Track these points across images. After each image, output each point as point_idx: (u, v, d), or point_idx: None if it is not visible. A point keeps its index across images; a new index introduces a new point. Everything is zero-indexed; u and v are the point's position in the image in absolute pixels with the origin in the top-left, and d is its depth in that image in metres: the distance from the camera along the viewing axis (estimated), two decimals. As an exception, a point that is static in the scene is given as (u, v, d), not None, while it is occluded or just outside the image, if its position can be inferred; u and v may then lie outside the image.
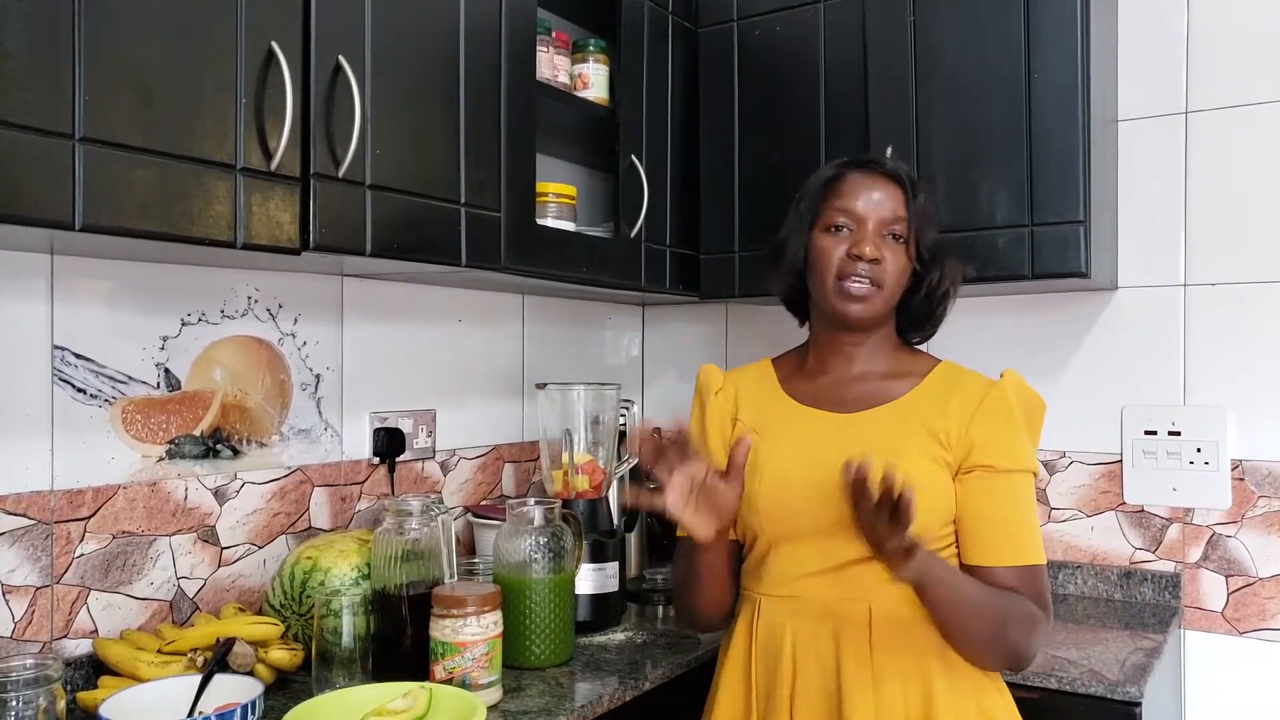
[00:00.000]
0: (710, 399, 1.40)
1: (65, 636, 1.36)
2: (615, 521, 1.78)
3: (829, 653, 1.24)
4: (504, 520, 1.58)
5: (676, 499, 1.18)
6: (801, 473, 1.26)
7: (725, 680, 1.34)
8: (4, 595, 1.30)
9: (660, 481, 1.19)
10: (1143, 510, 1.97)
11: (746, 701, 1.30)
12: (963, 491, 1.24)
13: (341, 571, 1.46)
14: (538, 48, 1.74)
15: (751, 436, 1.27)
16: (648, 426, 1.25)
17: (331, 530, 1.72)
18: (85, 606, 1.39)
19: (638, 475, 2.03)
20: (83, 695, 1.28)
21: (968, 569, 1.23)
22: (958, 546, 1.26)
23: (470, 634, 1.32)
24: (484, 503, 2.04)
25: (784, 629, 1.27)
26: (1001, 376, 1.29)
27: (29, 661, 1.11)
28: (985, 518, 1.23)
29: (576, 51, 1.94)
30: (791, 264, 1.34)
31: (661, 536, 2.18)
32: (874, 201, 1.28)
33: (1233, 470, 1.89)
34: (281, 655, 1.37)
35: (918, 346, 1.40)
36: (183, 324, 1.51)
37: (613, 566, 1.71)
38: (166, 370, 1.49)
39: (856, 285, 1.26)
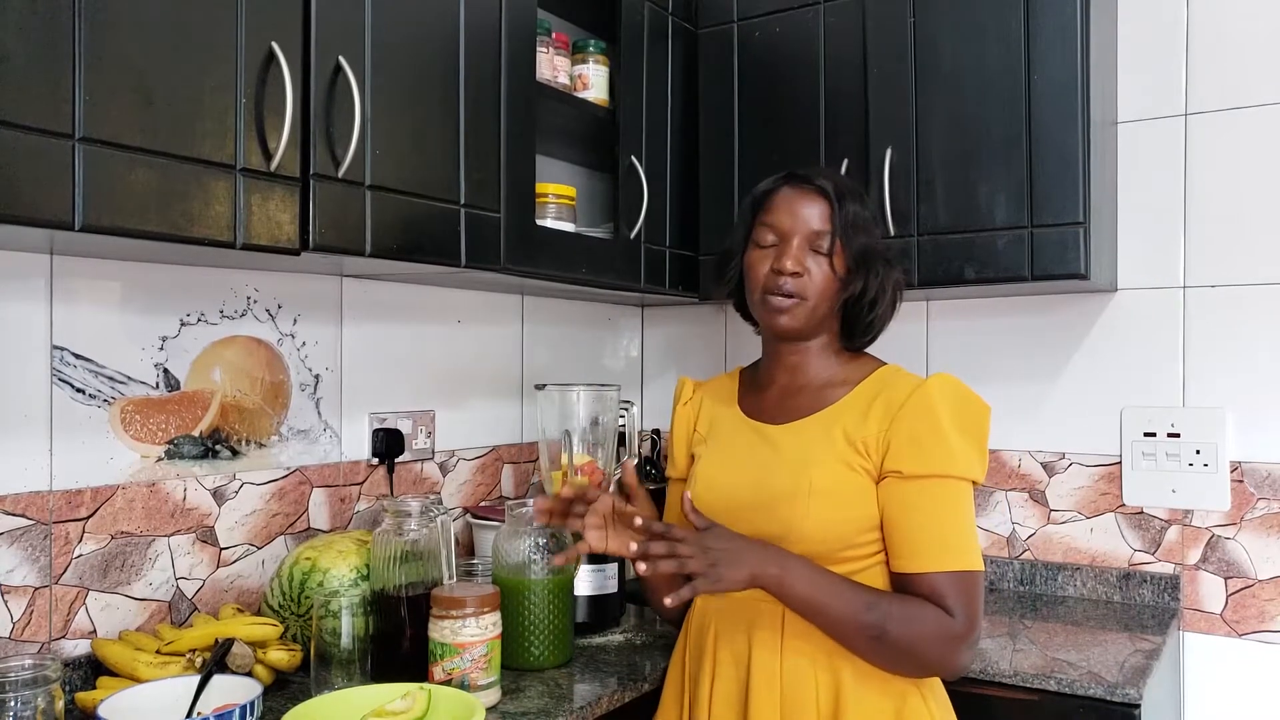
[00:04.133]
0: (678, 409, 1.50)
1: (64, 637, 1.36)
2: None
3: (743, 650, 1.29)
4: (503, 521, 1.58)
5: (596, 537, 1.29)
6: (726, 481, 1.33)
7: (669, 676, 1.41)
8: (3, 595, 1.30)
9: (577, 532, 1.32)
10: (1142, 512, 1.97)
11: (680, 696, 1.37)
12: (881, 497, 1.24)
13: (340, 572, 1.46)
14: (538, 48, 1.74)
15: (699, 447, 1.39)
16: (541, 503, 1.36)
17: (330, 531, 1.72)
18: (84, 607, 1.38)
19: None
20: (81, 696, 1.28)
21: (892, 576, 1.24)
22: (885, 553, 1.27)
23: (469, 635, 1.32)
24: (483, 504, 2.04)
25: (709, 626, 1.33)
26: (926, 380, 1.27)
27: (27, 662, 1.11)
28: (897, 524, 1.23)
29: (576, 52, 1.94)
30: (732, 278, 1.40)
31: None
32: (799, 217, 1.30)
33: (1232, 472, 1.89)
34: (280, 656, 1.37)
35: (865, 352, 1.40)
36: (182, 324, 1.51)
37: (612, 568, 1.71)
38: (166, 370, 1.49)
39: (778, 300, 1.30)
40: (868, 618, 1.17)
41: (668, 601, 1.17)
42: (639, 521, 1.24)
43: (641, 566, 1.20)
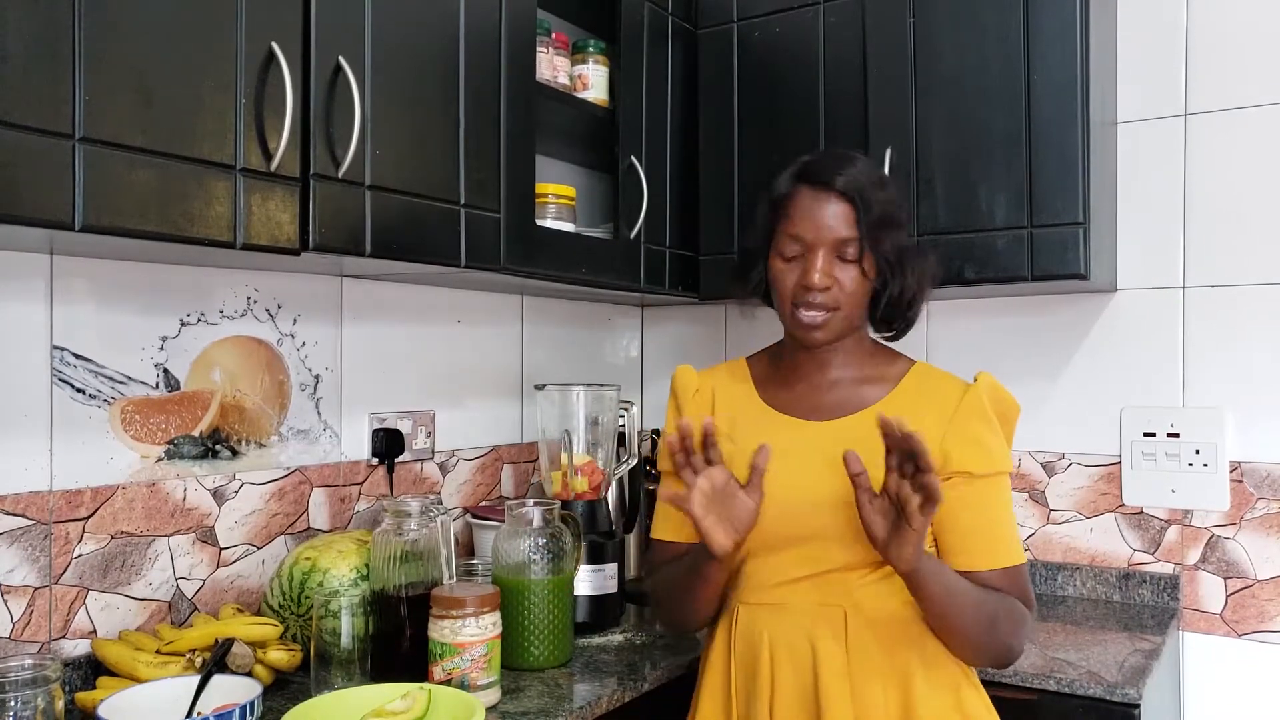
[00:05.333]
0: (688, 400, 1.40)
1: (64, 637, 1.36)
2: (614, 523, 1.78)
3: (806, 658, 1.24)
4: (503, 521, 1.58)
5: (701, 504, 1.15)
6: (781, 482, 1.23)
7: (706, 690, 1.34)
8: (2, 596, 1.30)
9: (683, 481, 1.16)
10: (1141, 512, 1.97)
11: (727, 711, 1.30)
12: (947, 497, 1.18)
13: (340, 572, 1.46)
14: (537, 49, 1.74)
15: (725, 443, 1.26)
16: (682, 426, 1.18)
17: (330, 531, 1.72)
18: (84, 607, 1.38)
19: (637, 475, 2.03)
20: (81, 696, 1.28)
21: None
22: (937, 551, 1.27)
23: (469, 635, 1.32)
24: (483, 504, 2.04)
25: (761, 636, 1.27)
26: (975, 379, 1.29)
27: (27, 662, 1.11)
28: (966, 524, 1.23)
29: (576, 52, 1.94)
30: (758, 286, 1.35)
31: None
32: (823, 226, 1.24)
33: (1231, 472, 1.89)
34: (280, 656, 1.37)
35: (892, 346, 1.38)
36: (182, 324, 1.51)
37: (611, 568, 1.71)
38: (165, 370, 1.49)
39: (809, 315, 1.25)
40: (986, 610, 1.19)
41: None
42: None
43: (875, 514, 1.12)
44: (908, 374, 1.31)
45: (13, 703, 1.08)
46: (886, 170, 1.83)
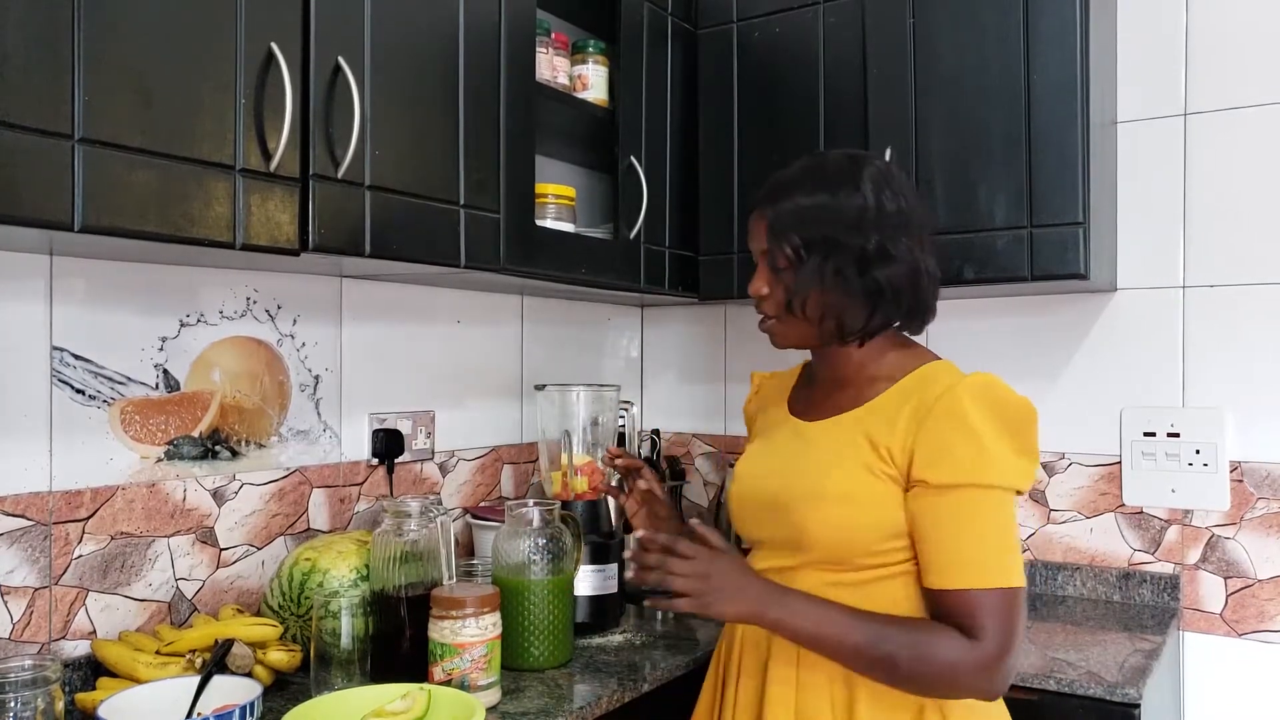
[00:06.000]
0: (746, 403, 1.50)
1: (64, 638, 1.36)
2: (614, 523, 1.78)
3: (763, 654, 1.26)
4: (503, 522, 1.58)
5: (635, 511, 1.45)
6: (755, 478, 1.30)
7: (707, 675, 1.39)
8: (2, 596, 1.30)
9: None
10: (1141, 512, 1.97)
11: (712, 698, 1.36)
12: (910, 508, 1.16)
13: (340, 573, 1.46)
14: (537, 49, 1.74)
15: (751, 442, 1.38)
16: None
17: (330, 531, 1.72)
18: (84, 607, 1.38)
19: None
20: (81, 696, 1.28)
21: (923, 591, 1.18)
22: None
23: (469, 635, 1.32)
24: (483, 504, 2.04)
25: (736, 632, 1.31)
26: (963, 379, 1.18)
27: (27, 663, 1.11)
28: (926, 537, 1.15)
29: (576, 53, 1.94)
30: None
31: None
32: (752, 238, 1.29)
33: (1231, 472, 1.89)
34: (280, 657, 1.37)
35: (918, 343, 1.31)
36: (181, 325, 1.51)
37: (612, 568, 1.71)
38: (165, 371, 1.49)
39: (763, 326, 1.30)
40: (876, 653, 1.12)
41: (645, 602, 1.18)
42: (641, 533, 1.22)
43: (629, 572, 1.19)
44: (912, 373, 1.23)
45: (13, 703, 1.08)
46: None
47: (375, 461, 1.81)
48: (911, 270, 1.23)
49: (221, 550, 1.56)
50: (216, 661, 1.26)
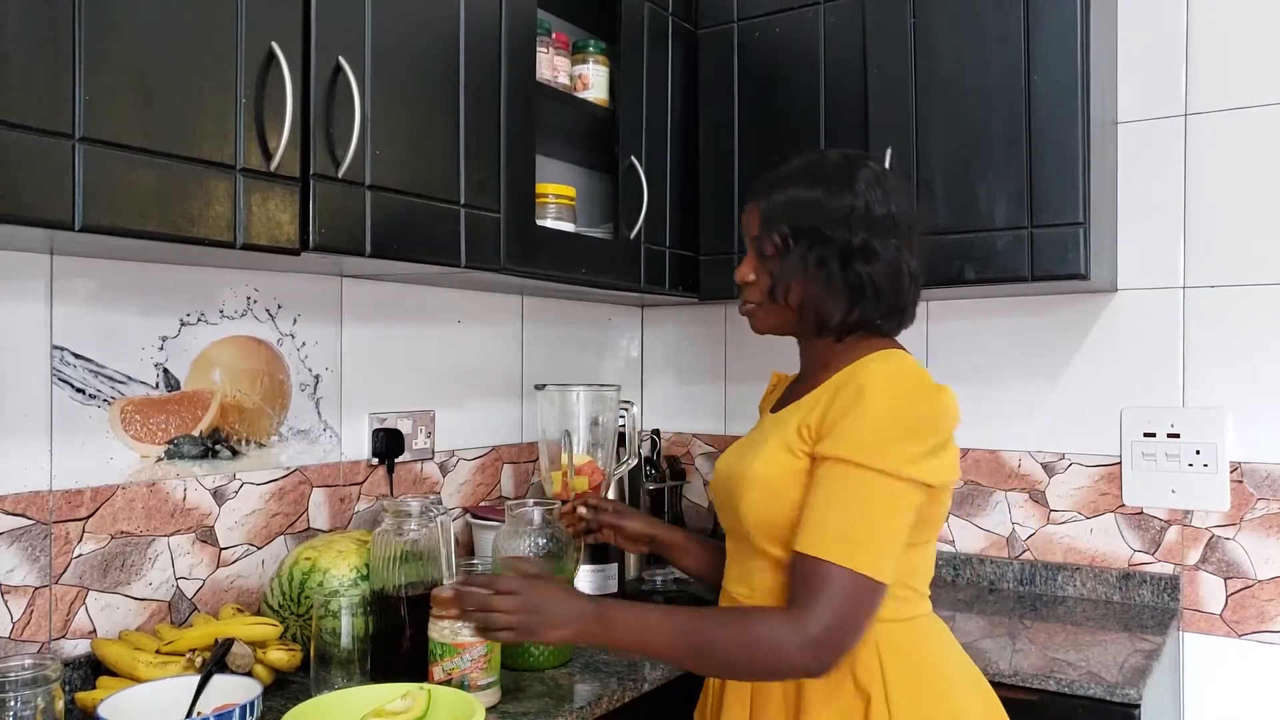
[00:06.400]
0: (761, 400, 1.50)
1: (64, 637, 1.36)
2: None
3: None
4: (503, 521, 1.58)
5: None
6: (719, 469, 1.34)
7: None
8: (2, 595, 1.30)
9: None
10: (1141, 512, 1.97)
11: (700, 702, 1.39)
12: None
13: (340, 572, 1.46)
14: (538, 49, 1.74)
15: None
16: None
17: (330, 531, 1.72)
18: (84, 607, 1.38)
19: (638, 475, 2.03)
20: (81, 695, 1.28)
21: None
22: None
23: (469, 635, 1.32)
24: (483, 504, 2.04)
25: None
26: (880, 365, 1.19)
27: (27, 662, 1.11)
28: (805, 503, 1.16)
29: (576, 52, 1.94)
30: None
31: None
32: (744, 226, 1.32)
33: (1231, 472, 1.89)
34: (280, 656, 1.37)
35: (881, 339, 1.29)
36: (182, 324, 1.51)
37: (612, 568, 1.71)
38: (165, 370, 1.49)
39: (742, 310, 1.33)
40: (685, 643, 1.14)
41: (470, 636, 1.21)
42: (448, 589, 1.25)
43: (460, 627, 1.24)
44: (853, 363, 1.23)
45: (13, 702, 1.08)
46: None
47: (375, 461, 1.81)
48: (894, 270, 1.24)
49: (221, 549, 1.56)
50: (216, 661, 1.26)
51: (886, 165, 1.82)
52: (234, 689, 1.20)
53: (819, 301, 1.24)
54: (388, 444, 1.81)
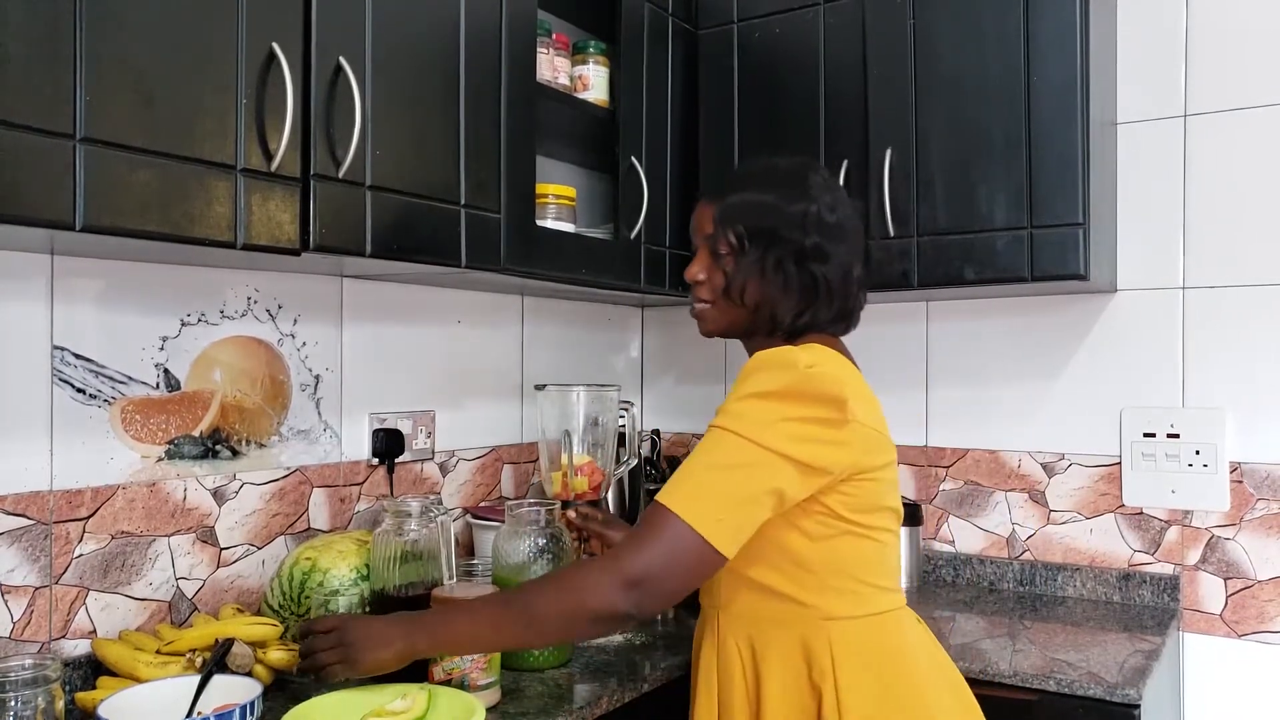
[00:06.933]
0: None
1: (64, 637, 1.36)
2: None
3: (696, 657, 1.35)
4: (503, 521, 1.58)
5: None
6: None
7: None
8: (3, 595, 1.30)
9: None
10: (1141, 512, 1.97)
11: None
12: None
13: (340, 572, 1.46)
14: (538, 49, 1.74)
15: None
16: None
17: (330, 531, 1.72)
18: (84, 607, 1.38)
19: (638, 476, 2.03)
20: (81, 695, 1.28)
21: None
22: None
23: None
24: (483, 504, 2.04)
25: (701, 643, 1.38)
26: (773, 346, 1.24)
27: (27, 662, 1.11)
28: None
29: (577, 53, 1.94)
30: None
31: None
32: (695, 225, 1.35)
33: (1231, 473, 1.89)
34: (280, 656, 1.37)
35: (816, 335, 1.30)
36: (182, 324, 1.51)
37: (612, 568, 1.70)
38: (166, 370, 1.49)
39: (692, 310, 1.35)
40: (513, 618, 1.16)
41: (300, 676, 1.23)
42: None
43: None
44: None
45: (13, 702, 1.08)
46: (886, 171, 1.83)
47: (375, 461, 1.81)
48: (845, 272, 1.29)
49: (222, 550, 1.57)
50: (217, 661, 1.26)
51: (886, 166, 1.83)
52: (234, 689, 1.20)
53: (774, 301, 1.27)
54: (388, 444, 1.81)
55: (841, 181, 1.89)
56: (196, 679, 1.22)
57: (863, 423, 1.19)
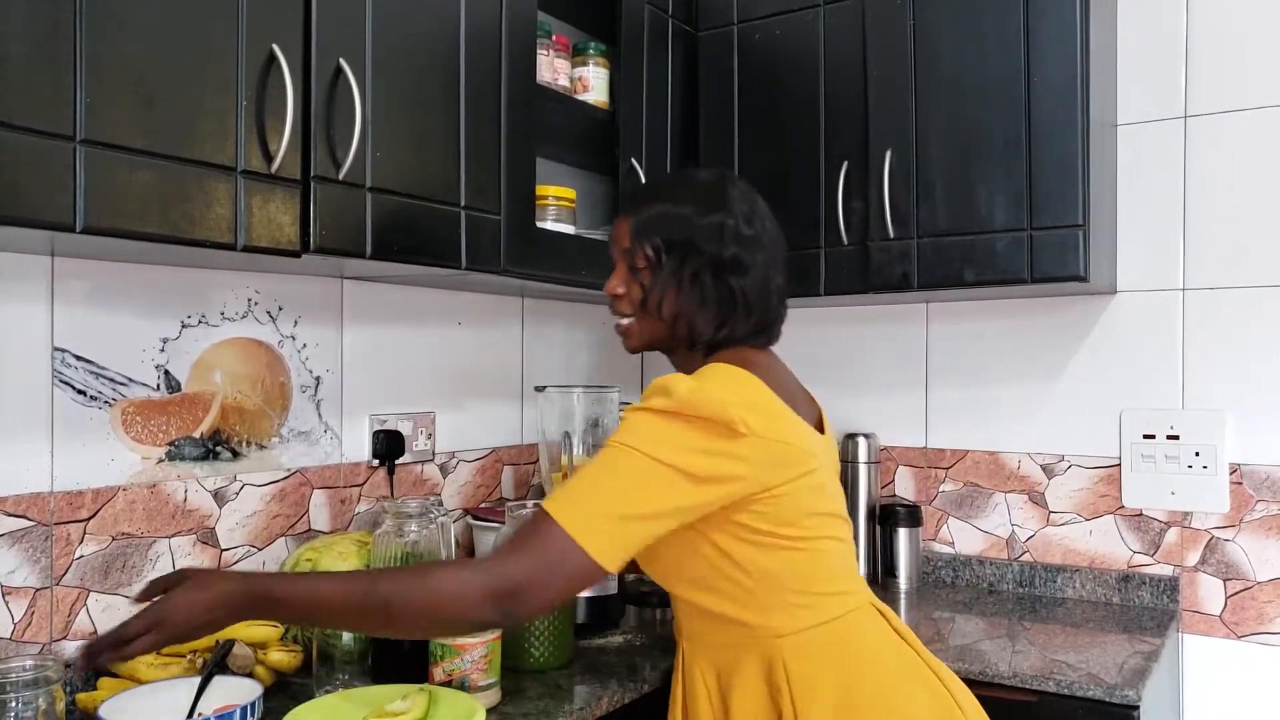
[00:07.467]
0: None
1: (65, 638, 1.36)
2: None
3: (673, 678, 1.36)
4: (503, 523, 1.58)
5: None
6: None
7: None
8: (4, 597, 1.30)
9: None
10: (1141, 514, 1.98)
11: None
12: None
13: (341, 573, 1.46)
14: (538, 51, 1.74)
15: None
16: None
17: (331, 532, 1.72)
18: (85, 608, 1.39)
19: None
20: (82, 696, 1.28)
21: None
22: None
23: (469, 636, 1.32)
24: (483, 505, 2.04)
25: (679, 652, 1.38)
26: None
27: (28, 663, 1.11)
28: None
29: (577, 55, 1.94)
30: None
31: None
32: (613, 239, 1.33)
33: (1231, 474, 1.89)
34: (281, 657, 1.37)
35: (725, 352, 1.28)
36: (183, 326, 1.52)
37: (612, 569, 1.71)
38: (166, 372, 1.49)
39: (615, 325, 1.34)
40: (367, 605, 1.07)
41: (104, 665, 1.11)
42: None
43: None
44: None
45: (14, 703, 1.08)
46: (886, 172, 1.83)
47: (376, 463, 1.82)
48: (764, 284, 1.28)
49: (222, 551, 1.57)
50: (217, 662, 1.26)
51: (886, 167, 1.83)
52: (235, 690, 1.21)
53: (691, 314, 1.26)
54: (388, 445, 1.82)
55: (841, 182, 1.89)
56: (197, 680, 1.23)
57: (764, 437, 1.15)
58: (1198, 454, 1.91)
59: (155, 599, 1.06)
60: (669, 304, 1.27)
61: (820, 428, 1.33)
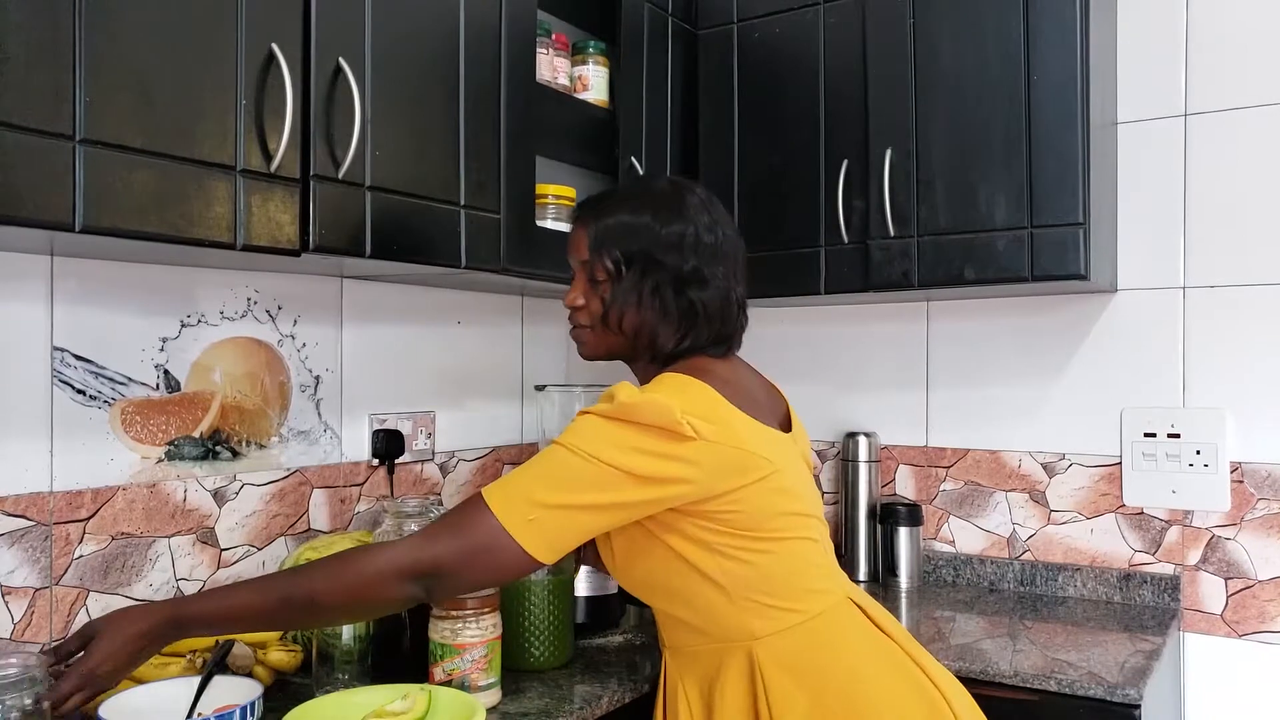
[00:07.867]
0: None
1: (64, 638, 1.36)
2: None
3: (662, 664, 1.35)
4: (503, 522, 1.57)
5: None
6: None
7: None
8: (3, 596, 1.30)
9: None
10: (1142, 512, 1.97)
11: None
12: None
13: (341, 573, 1.46)
14: (538, 50, 1.74)
15: None
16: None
17: (330, 532, 1.72)
18: (84, 608, 1.38)
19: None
20: (81, 697, 1.28)
21: None
22: None
23: (469, 636, 1.32)
24: (483, 504, 2.04)
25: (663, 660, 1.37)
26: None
27: (31, 661, 1.11)
28: None
29: (576, 53, 1.94)
30: None
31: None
32: (570, 249, 1.31)
33: (1232, 473, 1.89)
34: (281, 657, 1.37)
35: (684, 362, 1.26)
36: (182, 325, 1.51)
37: (612, 568, 1.70)
38: (166, 372, 1.49)
39: (571, 331, 1.32)
40: (290, 600, 1.09)
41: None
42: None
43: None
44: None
45: (13, 700, 1.08)
46: (886, 171, 1.83)
47: (376, 462, 1.81)
48: (724, 296, 1.26)
49: (222, 550, 1.56)
50: (217, 662, 1.26)
51: (886, 166, 1.83)
52: (235, 690, 1.20)
53: (652, 328, 1.25)
54: (388, 445, 1.81)
55: (841, 181, 1.89)
56: (197, 680, 1.22)
57: (715, 442, 1.13)
58: (1199, 452, 1.91)
59: (77, 656, 1.09)
60: (630, 318, 1.25)
61: (787, 426, 1.32)
